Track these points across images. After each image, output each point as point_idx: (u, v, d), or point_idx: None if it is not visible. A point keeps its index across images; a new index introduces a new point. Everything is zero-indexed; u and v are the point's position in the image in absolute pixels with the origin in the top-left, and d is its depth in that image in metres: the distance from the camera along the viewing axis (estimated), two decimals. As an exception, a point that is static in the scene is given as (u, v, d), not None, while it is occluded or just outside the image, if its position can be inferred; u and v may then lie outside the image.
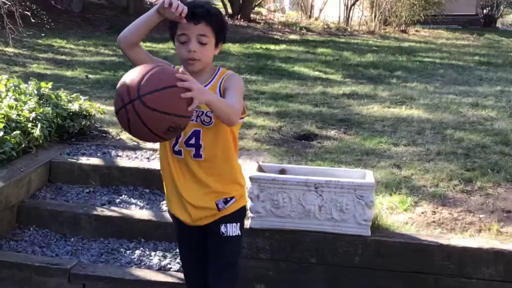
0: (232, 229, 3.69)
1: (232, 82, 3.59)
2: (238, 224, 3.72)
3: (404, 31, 22.19)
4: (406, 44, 17.86)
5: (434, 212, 5.19)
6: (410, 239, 4.67)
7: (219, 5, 28.73)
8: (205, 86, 3.50)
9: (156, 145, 5.11)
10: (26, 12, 6.41)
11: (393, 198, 5.38)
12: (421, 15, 22.58)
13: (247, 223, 4.71)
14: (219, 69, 3.68)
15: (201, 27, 3.47)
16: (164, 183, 3.76)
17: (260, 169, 4.88)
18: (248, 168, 5.86)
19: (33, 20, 7.56)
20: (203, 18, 3.47)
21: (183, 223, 3.72)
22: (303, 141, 7.18)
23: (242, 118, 3.66)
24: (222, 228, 3.66)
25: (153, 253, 5.30)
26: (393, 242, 4.65)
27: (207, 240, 3.74)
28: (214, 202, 3.63)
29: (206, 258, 3.77)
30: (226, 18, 24.54)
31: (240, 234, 3.73)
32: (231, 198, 3.67)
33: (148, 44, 14.15)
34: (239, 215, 3.75)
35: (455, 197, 5.51)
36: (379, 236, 4.69)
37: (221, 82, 3.59)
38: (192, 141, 3.55)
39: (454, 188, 5.66)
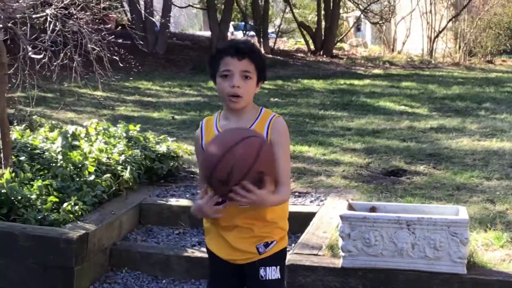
0: (272, 273, 3.57)
1: (281, 138, 3.54)
2: (278, 267, 3.59)
3: (490, 62, 21.88)
4: (493, 75, 17.60)
5: (531, 248, 5.04)
6: (508, 277, 4.52)
7: (301, 42, 28.96)
8: (250, 127, 3.47)
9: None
10: (114, 57, 6.55)
11: (488, 235, 5.24)
12: (507, 44, 22.24)
13: (339, 262, 4.67)
14: (262, 109, 3.61)
15: (244, 63, 3.45)
16: (204, 220, 3.68)
17: (350, 207, 4.83)
18: (337, 206, 5.85)
19: (121, 64, 7.71)
20: (247, 54, 3.46)
21: (219, 260, 3.61)
22: (392, 177, 7.10)
23: None
24: (262, 272, 3.55)
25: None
26: (491, 281, 4.51)
27: (244, 283, 3.66)
28: (255, 246, 3.53)
29: None
30: (309, 54, 24.76)
31: (280, 277, 3.60)
32: (272, 241, 3.56)
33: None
34: (279, 258, 3.62)
35: (554, 231, 5.34)
36: (475, 274, 4.56)
37: (268, 128, 3.50)
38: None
39: (551, 223, 5.50)
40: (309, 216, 5.87)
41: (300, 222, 5.80)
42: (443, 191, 6.39)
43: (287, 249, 3.83)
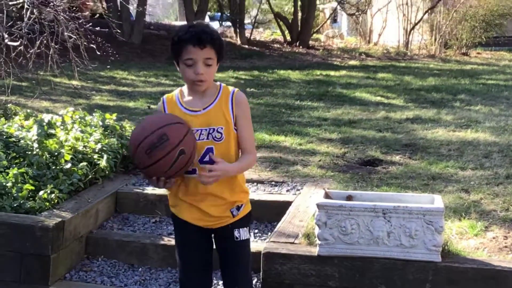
0: (244, 234, 3.97)
1: (243, 110, 3.89)
2: (247, 228, 4.01)
3: (465, 54, 22.01)
4: (468, 67, 17.71)
5: (506, 237, 5.08)
6: (482, 265, 4.57)
7: (278, 33, 28.94)
8: (212, 103, 3.83)
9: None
10: (92, 45, 6.52)
11: (463, 223, 5.29)
12: (483, 37, 22.40)
13: (316, 251, 4.70)
14: (221, 85, 3.93)
15: (206, 51, 3.73)
16: (171, 193, 3.97)
17: (327, 196, 4.86)
18: (314, 195, 5.88)
19: (98, 53, 7.69)
20: (208, 42, 3.72)
21: (191, 227, 3.93)
22: (368, 167, 7.14)
23: None
24: (236, 233, 3.94)
25: (221, 282, 5.32)
26: (465, 268, 4.56)
27: (217, 245, 4.04)
28: (229, 210, 3.90)
29: (210, 263, 4.07)
30: (285, 45, 24.77)
31: (249, 237, 4.03)
32: (242, 204, 3.95)
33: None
34: (248, 219, 4.03)
35: (528, 221, 5.41)
36: (450, 262, 4.60)
37: (232, 103, 3.86)
38: (207, 158, 3.77)
39: (525, 212, 5.56)
40: (285, 205, 5.89)
41: (276, 211, 5.84)
42: (418, 180, 6.45)
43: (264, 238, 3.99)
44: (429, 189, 6.13)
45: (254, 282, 4.93)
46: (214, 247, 4.06)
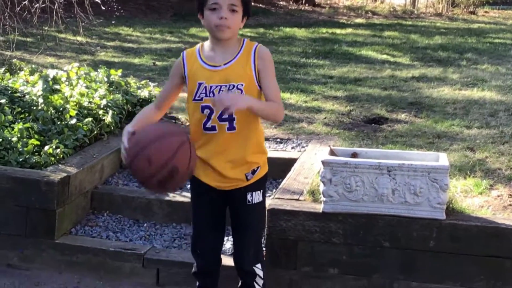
0: (257, 197, 3.95)
1: (266, 63, 3.81)
2: (261, 191, 3.98)
3: (472, 12, 21.81)
4: (475, 26, 17.57)
5: (510, 195, 5.09)
6: (486, 223, 4.59)
7: (284, -10, 28.74)
8: (233, 58, 3.76)
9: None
10: (97, 0, 6.48)
11: (468, 181, 5.30)
12: (490, -5, 22.16)
13: (320, 207, 4.72)
14: (244, 40, 3.85)
15: None
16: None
17: (332, 152, 4.86)
18: (319, 152, 5.88)
19: (103, 8, 7.64)
20: None
21: (205, 185, 3.92)
22: (373, 124, 7.14)
23: None
24: (249, 197, 3.92)
25: (225, 238, 5.34)
26: (469, 226, 4.57)
27: (230, 206, 4.03)
28: (244, 174, 3.86)
29: (223, 222, 4.09)
30: (291, 2, 24.61)
31: (262, 200, 4.01)
32: (258, 167, 3.91)
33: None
34: (262, 183, 4.01)
35: (533, 179, 5.41)
36: (454, 219, 4.62)
37: (254, 58, 3.78)
38: (225, 115, 3.66)
39: (531, 171, 5.57)
40: (291, 162, 5.91)
41: (281, 168, 5.85)
42: (424, 139, 6.45)
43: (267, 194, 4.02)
44: (434, 147, 6.13)
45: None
46: None
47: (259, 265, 4.09)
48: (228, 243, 5.07)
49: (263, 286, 4.15)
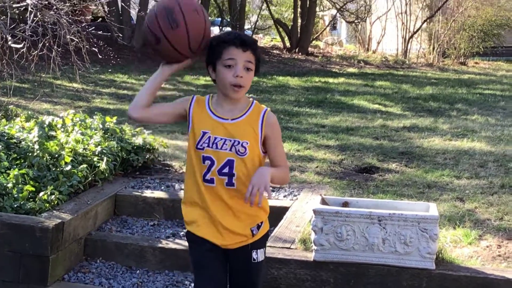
0: (261, 255, 3.78)
1: (275, 131, 3.69)
2: (264, 249, 3.83)
3: (463, 63, 22.04)
4: (465, 76, 17.73)
5: (499, 245, 5.12)
6: (475, 273, 4.61)
7: (277, 39, 28.97)
8: (242, 115, 3.63)
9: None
10: (93, 49, 6.56)
11: (457, 232, 5.33)
12: (480, 47, 22.44)
13: (311, 256, 4.74)
14: (253, 101, 3.73)
15: (248, 54, 3.56)
16: (187, 209, 3.75)
17: (324, 202, 4.89)
18: (310, 201, 5.91)
19: (100, 56, 7.72)
20: (250, 46, 3.58)
21: (208, 245, 3.70)
22: (364, 174, 7.18)
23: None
24: (254, 255, 3.73)
25: None
26: (458, 276, 4.59)
27: (232, 266, 3.79)
28: (249, 228, 3.69)
29: (225, 282, 3.82)
30: (285, 51, 24.81)
31: (264, 258, 3.84)
32: (261, 222, 3.75)
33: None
34: (265, 240, 3.85)
35: (521, 230, 5.44)
36: (443, 269, 4.64)
37: (262, 122, 3.65)
38: (226, 170, 3.58)
39: (519, 221, 5.60)
40: (283, 210, 5.92)
41: (273, 216, 5.79)
42: (414, 188, 6.48)
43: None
44: (424, 197, 6.17)
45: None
46: None
47: None
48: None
49: None
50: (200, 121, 3.64)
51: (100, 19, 19.13)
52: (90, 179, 6.30)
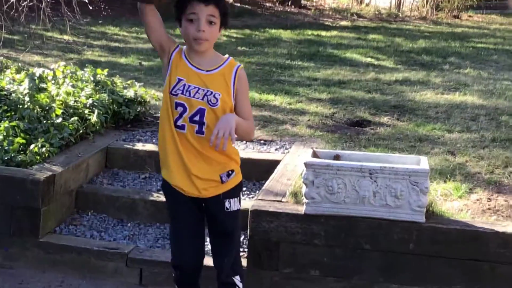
0: (234, 204, 3.95)
1: (244, 86, 3.88)
2: (238, 198, 3.99)
3: (456, 17, 21.87)
4: (459, 30, 17.61)
5: (489, 199, 5.14)
6: (465, 226, 4.63)
7: (270, -9, 28.72)
8: (216, 68, 3.80)
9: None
10: (84, 0, 6.49)
11: (447, 185, 5.33)
12: (474, 0, 22.23)
13: (302, 209, 4.75)
14: (228, 57, 3.89)
15: (210, 9, 3.67)
16: (163, 157, 3.91)
17: (315, 155, 4.88)
18: (302, 154, 5.90)
19: (90, 7, 7.64)
20: (214, 0, 3.68)
21: (183, 196, 3.89)
22: (356, 127, 7.16)
23: None
24: (227, 204, 3.92)
25: (207, 238, 5.36)
26: (448, 229, 4.61)
27: (207, 214, 4.00)
28: (218, 174, 3.84)
29: (202, 232, 4.08)
30: (277, 4, 24.60)
31: (239, 208, 4.02)
32: (232, 171, 3.90)
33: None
34: (238, 190, 4.01)
35: (511, 184, 5.45)
36: (433, 222, 4.66)
37: (235, 76, 3.82)
38: (197, 118, 3.75)
39: (510, 175, 5.58)
40: (274, 163, 5.93)
41: (264, 169, 5.88)
42: (405, 142, 6.48)
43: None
44: (415, 150, 6.16)
45: (241, 239, 4.96)
46: None
47: (238, 277, 4.06)
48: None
49: None
50: (177, 68, 3.80)
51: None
52: (81, 131, 6.29)
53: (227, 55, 3.91)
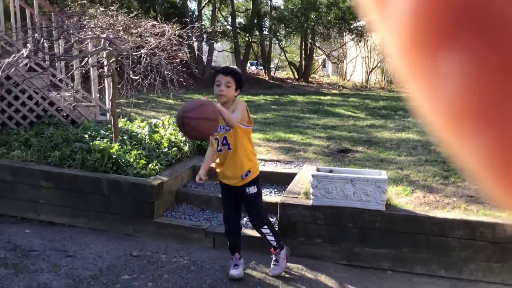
0: (252, 189, 3.98)
1: (238, 106, 3.80)
2: (255, 185, 4.00)
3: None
4: (404, 95, 17.42)
5: (424, 196, 5.06)
6: (410, 213, 4.56)
7: (290, 73, 28.83)
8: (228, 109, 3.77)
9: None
10: (180, 79, 6.58)
11: (398, 188, 5.27)
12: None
13: (310, 202, 4.71)
14: (235, 99, 3.87)
15: (228, 78, 3.74)
16: (216, 167, 4.04)
17: (318, 170, 4.87)
18: (310, 169, 5.86)
19: (184, 84, 7.75)
20: (230, 73, 3.76)
21: (226, 185, 4.04)
22: (342, 153, 7.10)
23: (250, 126, 3.92)
24: (247, 189, 3.97)
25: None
26: (399, 215, 4.55)
27: (239, 196, 4.06)
28: (240, 174, 3.91)
29: (239, 206, 4.17)
30: (294, 80, 24.59)
31: (256, 191, 4.01)
32: (249, 171, 3.92)
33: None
34: (255, 181, 3.99)
35: (437, 187, 5.35)
36: (390, 211, 4.60)
37: (233, 104, 3.83)
38: (225, 141, 3.83)
39: (436, 182, 5.51)
40: (293, 175, 5.89)
41: (287, 179, 5.85)
42: (372, 162, 6.41)
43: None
44: (378, 167, 6.09)
45: (273, 220, 4.93)
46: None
47: (265, 226, 4.15)
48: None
49: (273, 236, 4.21)
50: None
51: (185, 61, 19.15)
52: (178, 156, 6.32)
53: (238, 100, 3.86)
